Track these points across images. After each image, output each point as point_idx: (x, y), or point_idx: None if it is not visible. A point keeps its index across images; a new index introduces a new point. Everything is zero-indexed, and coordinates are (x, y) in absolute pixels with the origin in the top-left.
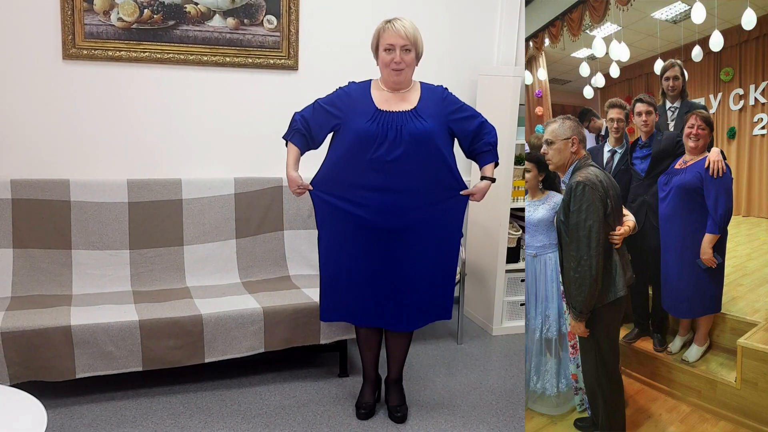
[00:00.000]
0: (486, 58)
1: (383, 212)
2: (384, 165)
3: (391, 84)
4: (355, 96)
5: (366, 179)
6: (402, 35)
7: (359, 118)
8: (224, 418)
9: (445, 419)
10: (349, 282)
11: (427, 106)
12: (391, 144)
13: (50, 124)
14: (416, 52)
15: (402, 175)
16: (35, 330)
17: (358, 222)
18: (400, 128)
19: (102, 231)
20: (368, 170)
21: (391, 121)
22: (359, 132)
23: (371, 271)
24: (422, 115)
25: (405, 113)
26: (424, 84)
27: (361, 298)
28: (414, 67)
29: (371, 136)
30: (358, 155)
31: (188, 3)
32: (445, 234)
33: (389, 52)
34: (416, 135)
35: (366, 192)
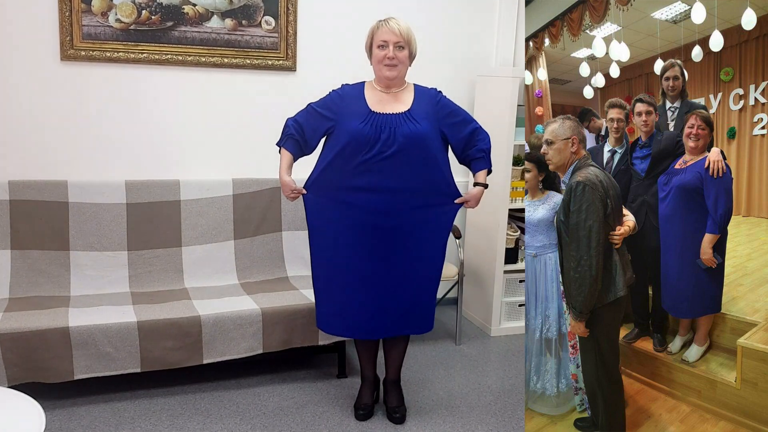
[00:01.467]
0: (484, 59)
1: (374, 212)
2: (376, 165)
3: (384, 82)
4: (348, 98)
5: (358, 180)
6: (395, 32)
7: (353, 120)
8: (223, 419)
9: (443, 420)
10: (343, 286)
11: (420, 108)
12: (383, 145)
13: (48, 125)
14: (410, 51)
15: (394, 176)
16: (33, 331)
17: (349, 222)
18: (393, 130)
19: (100, 232)
20: (361, 171)
21: (384, 123)
22: (353, 133)
23: (363, 273)
24: (416, 118)
25: (398, 115)
26: (418, 86)
27: (355, 302)
28: (407, 65)
29: (364, 138)
30: (350, 157)
31: (186, 4)
32: (433, 238)
33: (382, 48)
34: (409, 137)
35: (358, 192)
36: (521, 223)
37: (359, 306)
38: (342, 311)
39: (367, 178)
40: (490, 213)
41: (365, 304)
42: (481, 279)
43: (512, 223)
